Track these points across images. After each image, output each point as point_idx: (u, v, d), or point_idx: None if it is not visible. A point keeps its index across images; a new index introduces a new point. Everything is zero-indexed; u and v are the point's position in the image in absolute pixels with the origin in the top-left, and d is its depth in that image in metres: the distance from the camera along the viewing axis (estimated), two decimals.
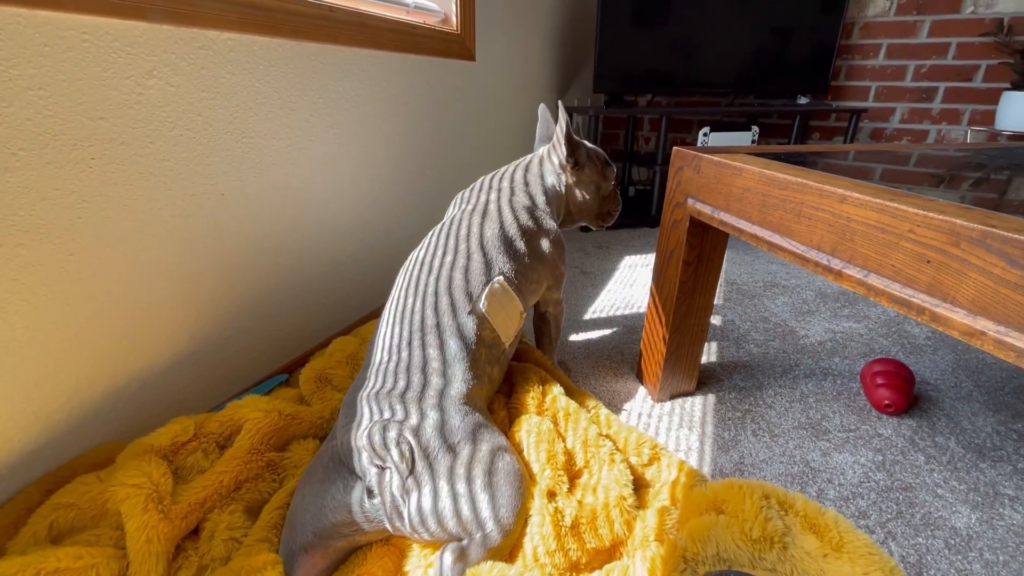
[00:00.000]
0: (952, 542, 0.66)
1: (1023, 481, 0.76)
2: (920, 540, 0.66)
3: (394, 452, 0.56)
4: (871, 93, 2.15)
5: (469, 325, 0.68)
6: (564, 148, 0.86)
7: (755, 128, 1.99)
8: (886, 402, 0.88)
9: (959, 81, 1.99)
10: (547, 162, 0.89)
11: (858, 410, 0.92)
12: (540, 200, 0.85)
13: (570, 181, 0.89)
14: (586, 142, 0.92)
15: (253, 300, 0.87)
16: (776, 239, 0.61)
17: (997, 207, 0.47)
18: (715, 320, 1.26)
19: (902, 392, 0.88)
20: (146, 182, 0.67)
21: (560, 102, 0.86)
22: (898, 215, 0.47)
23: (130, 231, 0.66)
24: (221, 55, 0.74)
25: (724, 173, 0.70)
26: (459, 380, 0.65)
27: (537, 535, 0.56)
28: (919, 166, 0.78)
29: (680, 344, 0.89)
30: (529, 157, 0.92)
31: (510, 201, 0.82)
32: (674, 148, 0.82)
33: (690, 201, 0.77)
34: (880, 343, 1.15)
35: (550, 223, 0.83)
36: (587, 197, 0.91)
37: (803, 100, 2.16)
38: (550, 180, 0.88)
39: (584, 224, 0.97)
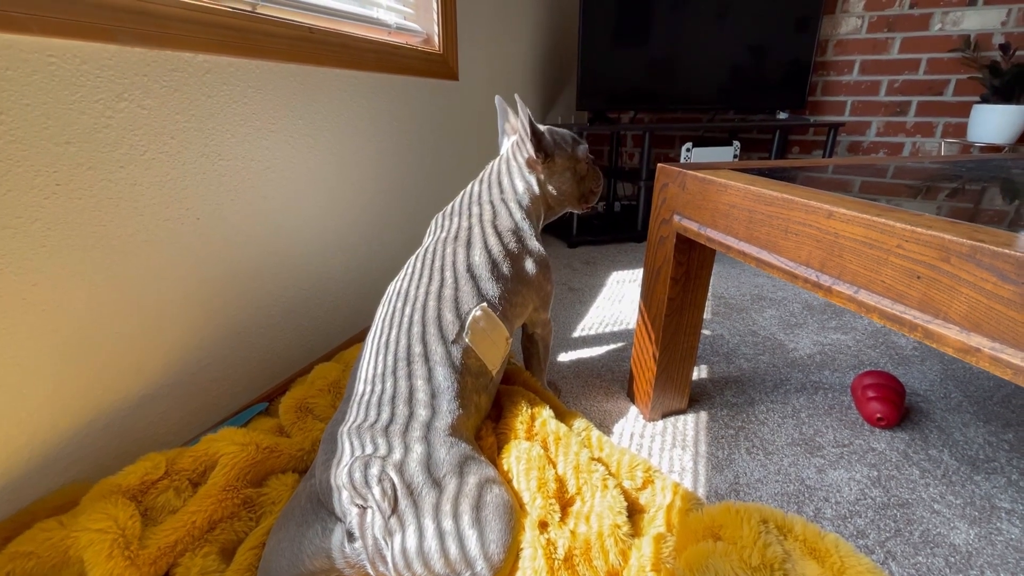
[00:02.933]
0: (952, 560, 0.65)
1: (1018, 493, 0.75)
2: (920, 559, 0.65)
3: (376, 490, 0.53)
4: (847, 108, 2.20)
5: (455, 354, 0.66)
6: (530, 146, 0.81)
7: (736, 143, 2.01)
8: (878, 415, 0.87)
9: (931, 95, 2.04)
10: (514, 164, 0.85)
11: (850, 424, 0.91)
12: (519, 216, 0.82)
13: (541, 177, 0.85)
14: (550, 128, 0.87)
15: (230, 327, 0.84)
16: (764, 255, 0.60)
17: (973, 218, 0.47)
18: (705, 333, 1.26)
19: (893, 405, 0.87)
20: (116, 208, 0.64)
21: (516, 95, 0.82)
22: (886, 231, 0.46)
23: (99, 260, 0.63)
24: (196, 77, 0.72)
25: (709, 190, 0.69)
26: (445, 411, 0.62)
27: (529, 569, 0.54)
28: (897, 178, 0.78)
29: (670, 362, 0.88)
30: (495, 164, 0.88)
31: (491, 223, 0.79)
32: (659, 165, 0.81)
33: (676, 218, 0.77)
34: (868, 355, 1.15)
35: (533, 243, 0.82)
36: (564, 185, 0.87)
37: (782, 115, 2.20)
38: (520, 186, 0.84)
39: (569, 211, 0.93)
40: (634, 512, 0.66)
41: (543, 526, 0.58)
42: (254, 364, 0.90)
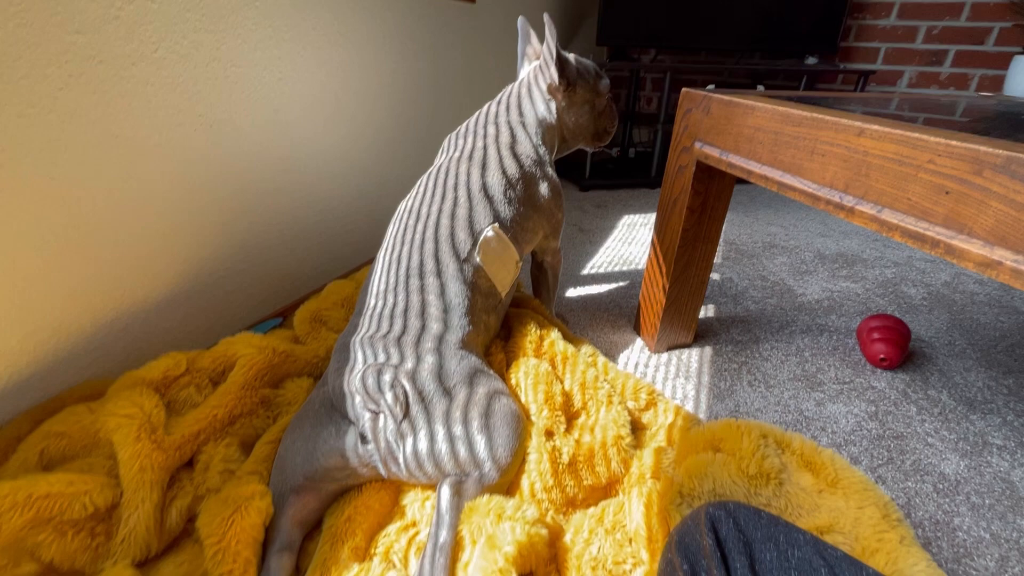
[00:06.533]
0: (940, 487, 0.67)
1: (1012, 432, 0.77)
2: (909, 484, 0.67)
3: (388, 396, 0.54)
4: (880, 55, 2.10)
5: (466, 272, 0.67)
6: (554, 70, 0.78)
7: (760, 88, 1.94)
8: (881, 356, 0.88)
9: (970, 44, 1.94)
10: (535, 89, 0.82)
11: (853, 364, 0.92)
12: (535, 140, 0.80)
13: (561, 106, 0.82)
14: (576, 56, 0.84)
15: (246, 240, 0.85)
16: (787, 179, 0.59)
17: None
18: (713, 277, 1.26)
19: (897, 347, 0.88)
20: (129, 106, 0.63)
21: (546, 14, 0.77)
22: (919, 146, 0.45)
23: (115, 158, 0.63)
24: None
25: (735, 113, 0.67)
26: (457, 326, 0.63)
27: (535, 472, 0.56)
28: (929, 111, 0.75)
29: (680, 295, 0.88)
30: (514, 87, 0.85)
31: (509, 146, 0.77)
32: (683, 90, 0.79)
33: (697, 145, 0.75)
34: (877, 303, 1.16)
35: (547, 168, 0.80)
36: (581, 119, 0.85)
37: (811, 60, 2.10)
38: (540, 109, 0.81)
39: (581, 148, 0.91)
40: (637, 429, 0.68)
41: (549, 435, 0.61)
42: (268, 281, 0.91)
